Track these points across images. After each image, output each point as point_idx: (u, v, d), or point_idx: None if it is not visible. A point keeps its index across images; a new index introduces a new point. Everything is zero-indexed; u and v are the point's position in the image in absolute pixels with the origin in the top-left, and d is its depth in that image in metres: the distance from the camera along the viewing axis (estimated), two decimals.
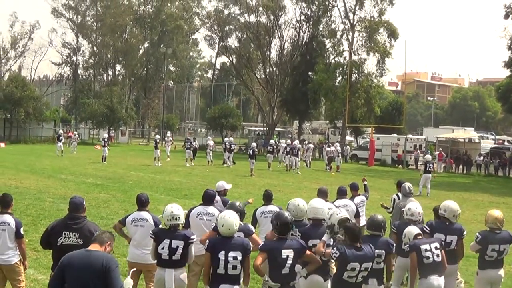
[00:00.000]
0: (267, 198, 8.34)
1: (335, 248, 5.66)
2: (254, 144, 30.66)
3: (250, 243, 5.96)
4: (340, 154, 32.88)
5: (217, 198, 8.44)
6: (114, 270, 4.86)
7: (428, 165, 22.86)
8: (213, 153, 32.71)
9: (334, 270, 5.77)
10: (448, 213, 7.20)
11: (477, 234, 7.22)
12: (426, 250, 6.41)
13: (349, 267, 5.55)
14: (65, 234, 6.15)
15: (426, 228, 7.16)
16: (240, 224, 6.07)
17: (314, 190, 20.24)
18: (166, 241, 6.36)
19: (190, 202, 15.00)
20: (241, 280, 5.82)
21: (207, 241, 6.04)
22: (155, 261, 6.53)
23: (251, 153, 27.87)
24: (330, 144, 34.60)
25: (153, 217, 7.22)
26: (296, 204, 6.75)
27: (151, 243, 6.60)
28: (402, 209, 8.12)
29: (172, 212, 6.46)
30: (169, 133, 37.31)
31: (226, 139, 34.69)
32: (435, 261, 6.44)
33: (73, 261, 4.88)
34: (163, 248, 6.36)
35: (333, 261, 5.74)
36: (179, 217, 6.47)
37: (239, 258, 5.65)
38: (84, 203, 6.39)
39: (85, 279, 4.78)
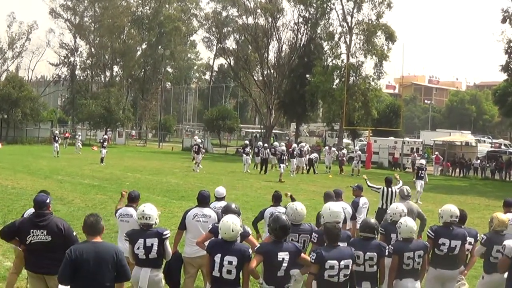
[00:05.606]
0: (276, 199, 8.42)
1: (312, 252, 5.70)
2: (283, 148, 28.75)
3: (250, 250, 5.85)
4: (360, 160, 33.02)
5: (220, 204, 8.09)
6: (124, 258, 5.26)
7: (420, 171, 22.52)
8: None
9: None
10: (445, 217, 7.14)
11: (482, 235, 7.20)
12: (408, 258, 6.45)
13: (327, 265, 5.58)
14: (33, 232, 6.18)
15: (431, 234, 7.09)
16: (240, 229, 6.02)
17: (311, 192, 20.43)
18: (141, 241, 6.43)
19: (187, 203, 14.99)
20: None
21: (209, 241, 6.07)
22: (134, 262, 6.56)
23: (280, 157, 27.55)
24: (355, 149, 34.56)
25: None
26: (295, 208, 6.70)
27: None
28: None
29: (143, 211, 6.53)
30: (197, 139, 32.27)
31: (259, 143, 33.41)
32: (414, 268, 6.51)
33: (84, 254, 5.10)
34: (138, 248, 6.43)
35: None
36: (149, 217, 6.49)
37: (235, 263, 5.58)
38: (47, 201, 6.38)
39: (98, 271, 5.07)
